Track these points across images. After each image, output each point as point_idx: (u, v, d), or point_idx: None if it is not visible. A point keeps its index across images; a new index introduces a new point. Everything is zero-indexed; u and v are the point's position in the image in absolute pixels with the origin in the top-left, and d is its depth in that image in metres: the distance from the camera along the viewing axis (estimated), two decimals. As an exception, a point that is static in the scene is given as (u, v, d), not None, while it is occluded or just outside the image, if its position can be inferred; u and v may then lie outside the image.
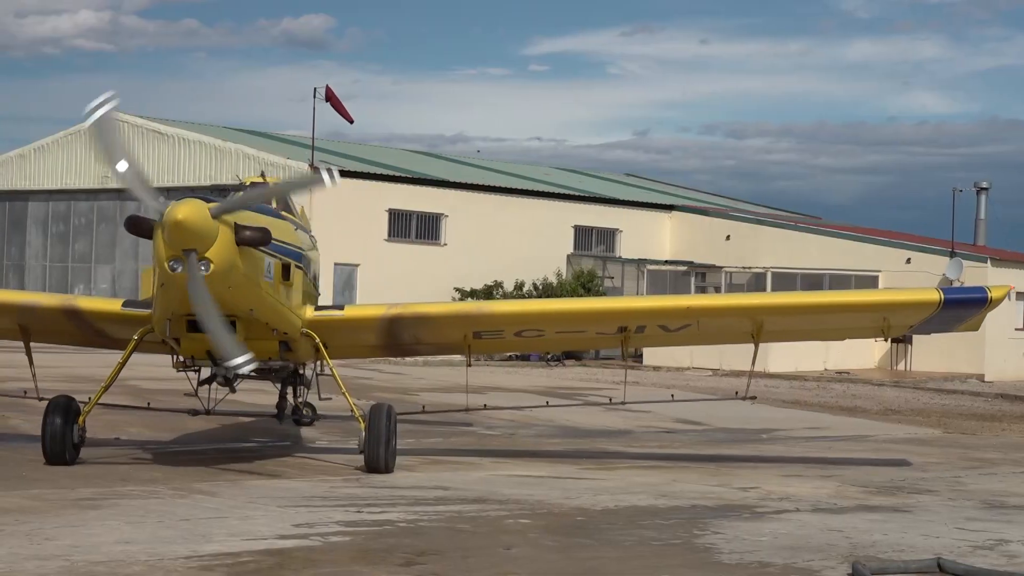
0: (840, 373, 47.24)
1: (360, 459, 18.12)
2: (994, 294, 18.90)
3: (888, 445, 24.51)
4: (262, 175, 19.97)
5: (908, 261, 52.15)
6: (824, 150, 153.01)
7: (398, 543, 13.09)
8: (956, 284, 50.67)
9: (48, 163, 57.09)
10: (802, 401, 35.41)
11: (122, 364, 18.09)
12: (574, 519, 14.75)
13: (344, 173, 47.46)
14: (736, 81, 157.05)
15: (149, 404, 22.24)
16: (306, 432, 23.02)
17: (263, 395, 23.91)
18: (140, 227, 16.45)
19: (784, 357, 47.31)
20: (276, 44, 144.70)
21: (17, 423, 22.96)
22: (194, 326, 16.54)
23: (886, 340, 34.54)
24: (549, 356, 49.38)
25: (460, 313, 20.39)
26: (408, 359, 42.65)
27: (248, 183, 19.21)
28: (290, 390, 22.00)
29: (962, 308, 19.55)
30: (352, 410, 18.41)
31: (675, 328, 20.00)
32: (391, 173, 53.13)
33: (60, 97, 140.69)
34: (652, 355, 48.95)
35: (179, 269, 15.90)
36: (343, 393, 18.46)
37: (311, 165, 47.02)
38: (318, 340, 18.66)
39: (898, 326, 20.17)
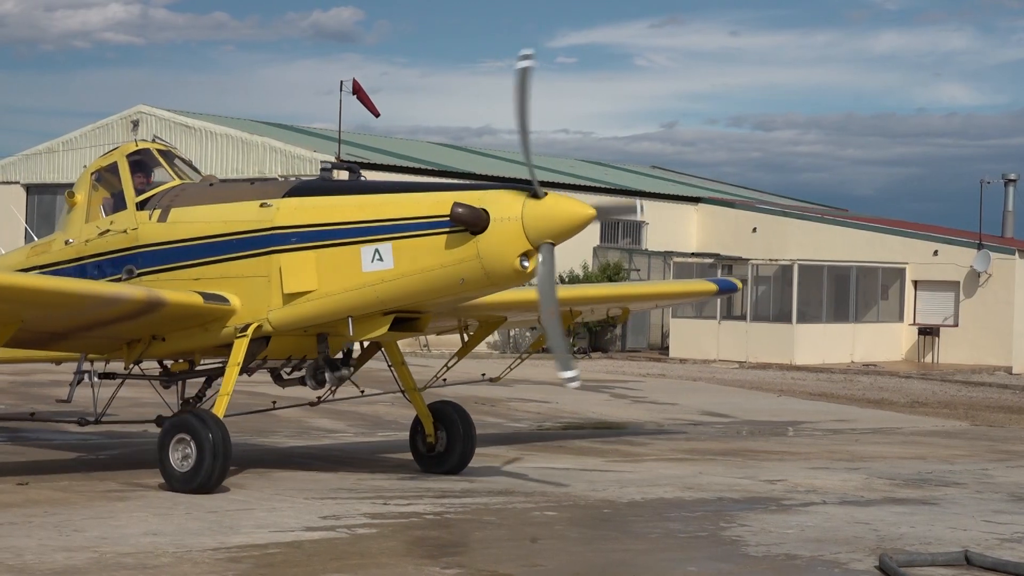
0: (867, 366, 47.11)
1: (383, 451, 18.14)
2: (740, 285, 20.70)
3: (915, 438, 24.44)
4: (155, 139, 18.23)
5: (935, 253, 51.96)
6: (851, 142, 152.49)
7: (425, 535, 13.12)
8: (984, 276, 50.54)
9: (77, 157, 57.24)
10: (829, 394, 35.34)
11: (238, 366, 15.65)
12: (600, 511, 14.76)
13: (370, 166, 47.79)
14: (764, 73, 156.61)
15: (33, 414, 19.74)
16: (332, 424, 23.08)
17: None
18: (472, 217, 14.70)
19: (811, 350, 47.29)
20: (305, 37, 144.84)
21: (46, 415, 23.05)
22: (400, 322, 15.80)
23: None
24: (575, 349, 49.38)
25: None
26: (435, 351, 42.74)
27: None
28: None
29: (723, 294, 22.37)
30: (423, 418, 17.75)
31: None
32: (417, 166, 53.14)
33: (89, 91, 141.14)
34: (678, 348, 48.91)
35: (527, 265, 14.76)
36: (406, 392, 17.86)
37: (337, 158, 47.06)
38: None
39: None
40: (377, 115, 46.02)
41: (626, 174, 68.79)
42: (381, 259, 15.19)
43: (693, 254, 54.76)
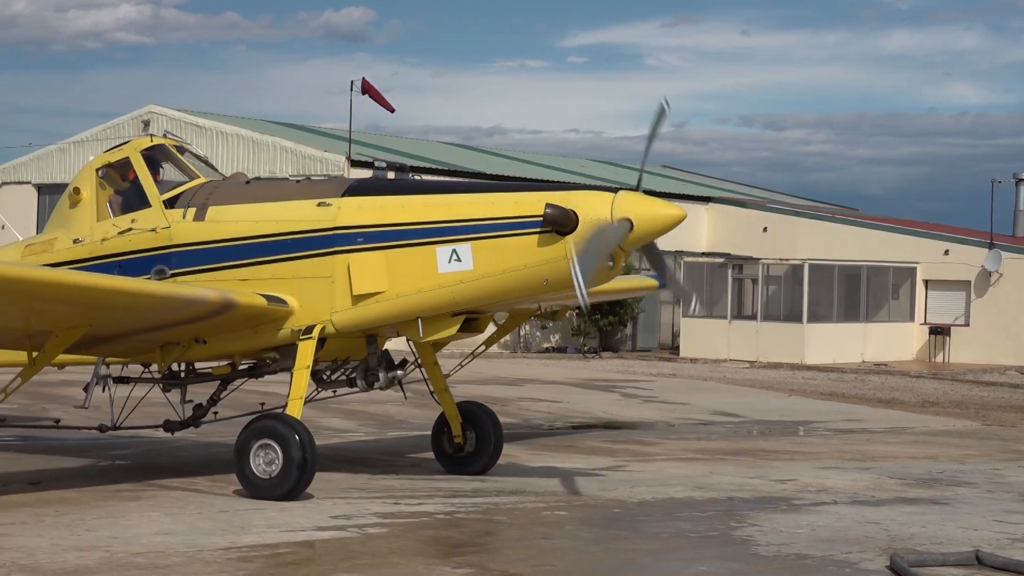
0: (878, 365, 47.06)
1: (394, 450, 18.14)
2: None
3: (926, 437, 24.42)
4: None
5: (946, 253, 51.90)
6: (862, 141, 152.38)
7: (436, 535, 13.14)
8: (995, 275, 50.47)
9: (87, 156, 57.30)
10: (840, 393, 35.30)
11: (308, 369, 15.26)
12: (611, 511, 14.76)
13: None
14: (775, 72, 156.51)
15: (59, 421, 19.33)
16: (343, 423, 23.10)
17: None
18: (563, 218, 14.68)
19: (822, 350, 47.25)
20: (316, 37, 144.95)
21: (58, 415, 23.09)
22: (469, 323, 15.75)
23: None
24: (586, 349, 49.38)
25: None
26: (445, 351, 42.78)
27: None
28: None
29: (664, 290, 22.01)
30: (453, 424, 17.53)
31: None
32: (428, 166, 53.15)
33: (100, 91, 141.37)
34: (689, 347, 48.89)
35: (613, 264, 14.96)
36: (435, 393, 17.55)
37: (348, 158, 47.14)
38: None
39: None
40: (392, 111, 46.08)
41: (637, 174, 68.67)
42: (459, 260, 15.06)
43: (704, 254, 54.73)
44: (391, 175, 16.65)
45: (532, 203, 14.96)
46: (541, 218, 14.77)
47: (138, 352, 16.35)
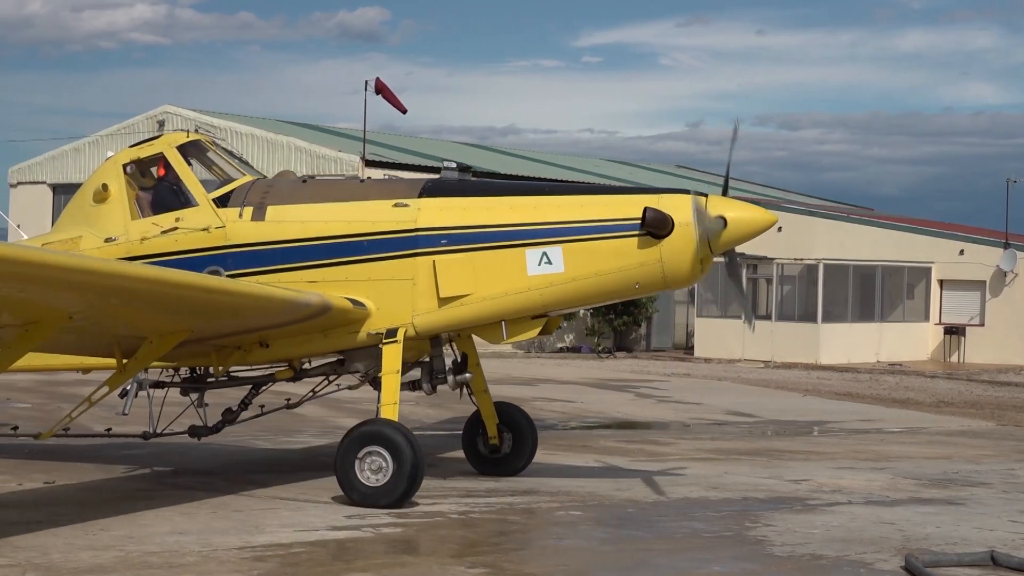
0: (893, 365, 46.99)
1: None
2: None
3: (941, 437, 24.37)
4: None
5: (961, 252, 51.79)
6: (877, 141, 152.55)
7: (450, 535, 13.14)
8: (1010, 275, 50.35)
9: (102, 156, 57.40)
10: (854, 393, 35.25)
11: (398, 374, 14.90)
12: (625, 511, 14.75)
13: (395, 166, 47.81)
14: (790, 72, 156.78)
15: (110, 430, 18.36)
16: (355, 423, 23.06)
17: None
18: (661, 221, 14.76)
19: (836, 350, 47.19)
20: (330, 37, 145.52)
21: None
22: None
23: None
24: (600, 348, 49.37)
25: None
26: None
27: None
28: None
29: None
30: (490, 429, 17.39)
31: None
32: (440, 165, 53.21)
33: (115, 91, 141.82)
34: (703, 347, 48.85)
35: (702, 267, 15.16)
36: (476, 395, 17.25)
37: (362, 158, 47.17)
38: None
39: None
40: (404, 111, 46.08)
41: (651, 173, 68.73)
42: (549, 262, 14.99)
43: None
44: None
45: (626, 206, 15.05)
46: (638, 221, 14.82)
47: (196, 357, 15.96)
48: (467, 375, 16.11)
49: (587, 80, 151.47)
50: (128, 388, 16.12)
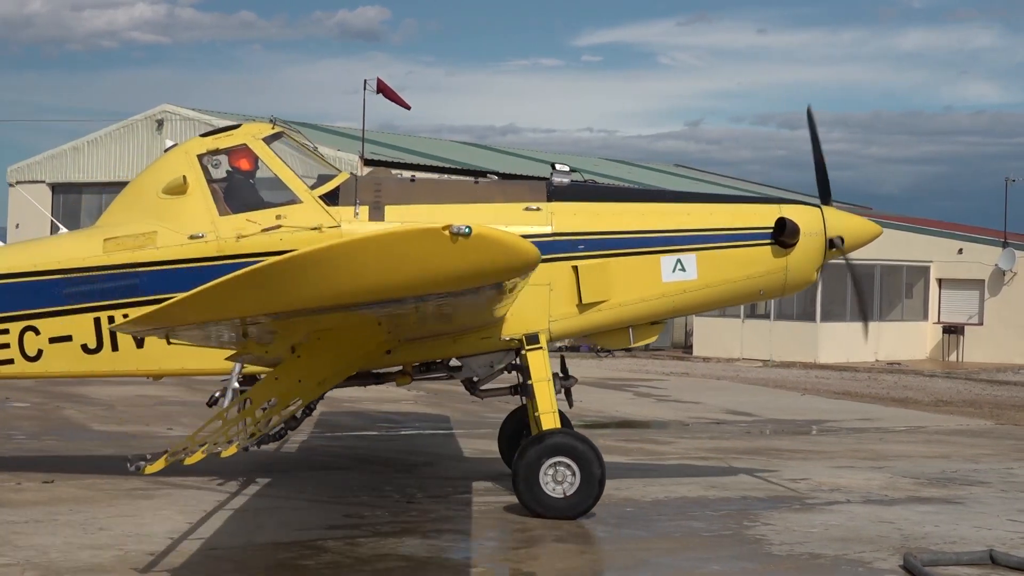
0: (891, 364, 47.02)
1: (408, 448, 18.10)
2: None
3: (940, 436, 24.38)
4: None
5: (960, 251, 51.84)
6: (877, 140, 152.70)
7: (449, 533, 13.13)
8: (1009, 274, 50.38)
9: (101, 156, 57.47)
10: (853, 392, 35.27)
11: (549, 381, 14.60)
12: (624, 509, 14.76)
13: (394, 165, 47.80)
14: (791, 71, 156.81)
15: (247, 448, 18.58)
16: (357, 422, 23.12)
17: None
18: (794, 231, 15.23)
19: (835, 348, 47.20)
20: (331, 36, 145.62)
21: (71, 414, 23.18)
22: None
23: None
24: (598, 348, 49.27)
25: None
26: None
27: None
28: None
29: None
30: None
31: None
32: (441, 165, 53.20)
33: (115, 90, 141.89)
34: (702, 346, 48.89)
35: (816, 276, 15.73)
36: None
37: (361, 157, 47.17)
38: None
39: None
40: (408, 107, 46.06)
41: (650, 172, 68.75)
42: (683, 269, 15.13)
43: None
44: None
45: (755, 215, 15.47)
46: (769, 230, 15.26)
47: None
48: (572, 379, 16.18)
49: (587, 79, 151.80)
50: (218, 395, 15.55)
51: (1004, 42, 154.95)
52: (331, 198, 14.99)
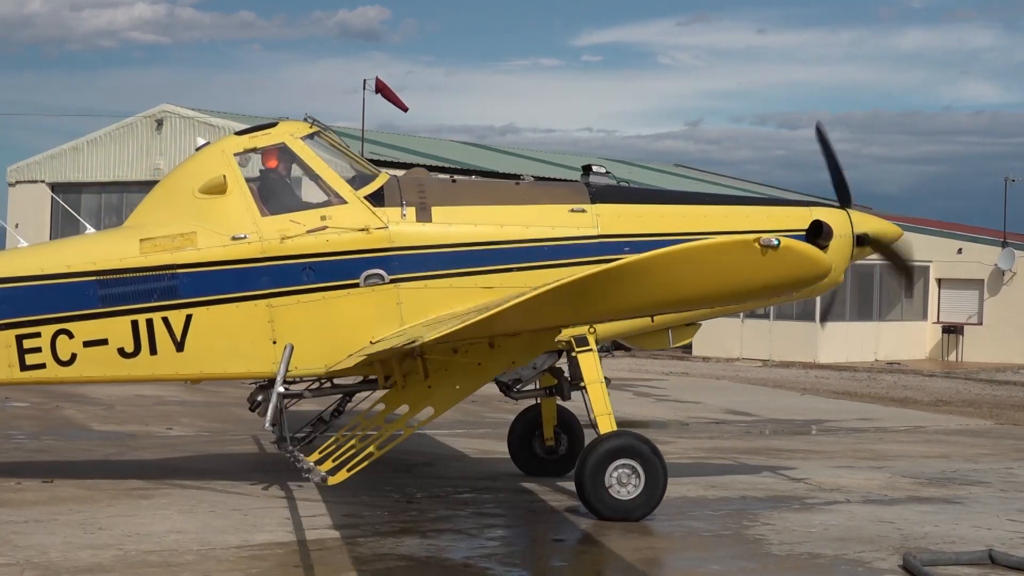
0: (891, 364, 47.02)
1: (406, 448, 18.10)
2: None
3: (939, 436, 24.38)
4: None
5: (959, 251, 51.83)
6: (877, 140, 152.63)
7: (448, 533, 13.13)
8: (1008, 274, 50.38)
9: (100, 155, 57.47)
10: (852, 392, 35.27)
11: (602, 383, 15.05)
12: (623, 510, 14.73)
13: (394, 164, 47.77)
14: (790, 71, 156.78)
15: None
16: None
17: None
18: (829, 233, 15.53)
19: (834, 348, 47.19)
20: (331, 36, 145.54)
21: (71, 414, 23.17)
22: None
23: None
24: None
25: None
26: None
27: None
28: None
29: None
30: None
31: None
32: (441, 164, 53.18)
33: (114, 90, 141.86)
34: (701, 346, 48.83)
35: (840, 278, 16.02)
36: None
37: (360, 155, 47.16)
38: None
39: None
40: (405, 109, 46.06)
41: (650, 172, 68.73)
42: None
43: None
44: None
45: (789, 217, 15.73)
46: (803, 233, 15.42)
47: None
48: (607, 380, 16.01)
49: (586, 79, 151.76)
50: (260, 399, 15.49)
51: (1004, 42, 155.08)
52: (376, 199, 14.85)
